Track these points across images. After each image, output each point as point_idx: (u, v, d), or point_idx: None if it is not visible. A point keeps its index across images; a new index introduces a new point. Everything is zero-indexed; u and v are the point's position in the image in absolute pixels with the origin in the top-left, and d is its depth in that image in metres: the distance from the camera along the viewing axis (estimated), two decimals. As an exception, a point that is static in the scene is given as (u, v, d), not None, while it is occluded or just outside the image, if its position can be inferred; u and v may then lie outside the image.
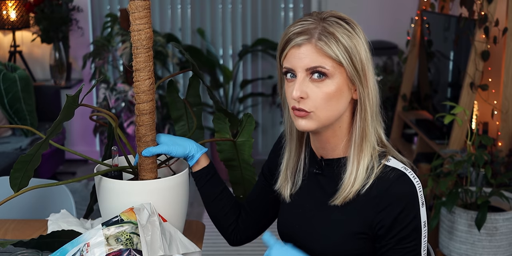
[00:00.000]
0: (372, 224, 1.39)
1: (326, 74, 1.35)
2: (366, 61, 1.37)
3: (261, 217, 1.67)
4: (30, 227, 1.85)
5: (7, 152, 3.88)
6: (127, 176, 1.66)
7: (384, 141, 1.44)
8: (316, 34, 1.35)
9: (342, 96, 1.38)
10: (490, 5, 3.15)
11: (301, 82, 1.36)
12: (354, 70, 1.36)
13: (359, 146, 1.40)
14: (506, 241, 2.87)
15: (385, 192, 1.37)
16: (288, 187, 1.52)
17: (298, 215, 1.51)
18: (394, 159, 1.41)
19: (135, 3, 1.47)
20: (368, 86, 1.38)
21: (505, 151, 3.19)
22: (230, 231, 1.69)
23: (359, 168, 1.39)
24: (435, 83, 4.11)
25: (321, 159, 1.48)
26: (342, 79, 1.37)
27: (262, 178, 1.66)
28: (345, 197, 1.40)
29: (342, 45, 1.34)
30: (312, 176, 1.50)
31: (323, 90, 1.36)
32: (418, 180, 1.39)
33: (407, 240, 1.37)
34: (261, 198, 1.65)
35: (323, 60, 1.35)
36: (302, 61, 1.36)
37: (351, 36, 1.36)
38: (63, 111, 1.40)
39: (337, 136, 1.43)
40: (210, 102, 4.98)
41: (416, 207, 1.38)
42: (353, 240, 1.41)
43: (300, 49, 1.36)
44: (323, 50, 1.34)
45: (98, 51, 4.44)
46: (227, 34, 5.10)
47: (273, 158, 1.61)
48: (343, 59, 1.35)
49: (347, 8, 4.82)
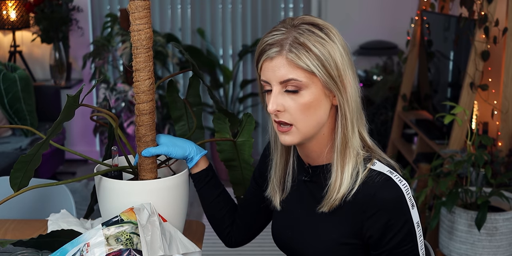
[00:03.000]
0: (362, 231, 1.38)
1: (300, 86, 1.34)
2: (342, 66, 1.35)
3: (252, 221, 1.67)
4: (30, 227, 1.85)
5: (7, 152, 3.88)
6: (127, 176, 1.66)
7: (369, 143, 1.42)
8: (286, 46, 1.33)
9: (320, 105, 1.36)
10: (490, 5, 3.15)
11: (277, 95, 1.36)
12: (329, 77, 1.34)
13: (342, 152, 1.38)
14: (506, 241, 2.87)
15: (371, 198, 1.35)
16: (278, 195, 1.52)
17: (290, 222, 1.51)
18: (379, 163, 1.39)
19: (135, 3, 1.47)
20: (346, 92, 1.36)
21: (505, 151, 3.19)
22: (226, 233, 1.69)
23: (344, 174, 1.38)
24: (435, 83, 4.11)
25: (308, 166, 1.48)
26: (318, 88, 1.35)
27: (253, 183, 1.66)
28: (332, 204, 1.39)
29: (314, 54, 1.32)
30: (301, 183, 1.50)
31: (299, 102, 1.35)
32: (405, 182, 1.37)
33: (403, 244, 1.36)
34: (253, 203, 1.65)
35: (296, 72, 1.33)
36: (275, 74, 1.34)
37: (325, 43, 1.33)
38: (64, 111, 1.40)
39: (321, 144, 1.42)
40: (210, 102, 4.98)
41: (406, 211, 1.35)
42: (343, 248, 1.41)
43: (272, 62, 1.35)
44: (294, 62, 1.33)
45: (98, 51, 4.44)
46: (227, 34, 5.10)
47: (263, 162, 1.61)
48: (316, 69, 1.32)
49: (347, 8, 4.83)
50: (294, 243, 1.50)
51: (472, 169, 2.99)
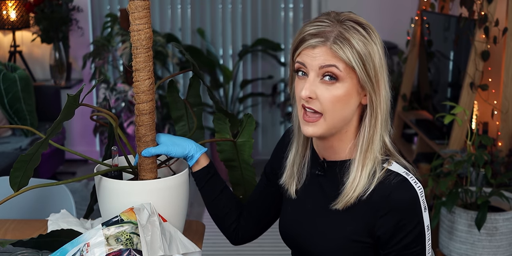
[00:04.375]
0: (373, 230, 1.38)
1: (337, 76, 1.34)
2: (380, 68, 1.36)
3: (262, 216, 1.67)
4: (30, 227, 1.85)
5: (7, 152, 3.88)
6: (127, 176, 1.66)
7: (389, 147, 1.43)
8: (331, 38, 1.34)
9: (350, 100, 1.37)
10: (490, 5, 3.15)
11: (312, 82, 1.36)
12: (367, 76, 1.35)
13: (365, 152, 1.39)
14: (506, 241, 2.86)
15: (386, 198, 1.36)
16: (294, 183, 1.52)
17: (300, 216, 1.51)
18: (396, 164, 1.40)
19: (134, 3, 1.47)
20: (380, 93, 1.38)
21: (505, 151, 3.19)
22: (232, 230, 1.69)
23: (363, 173, 1.38)
24: (435, 83, 4.11)
25: (324, 161, 1.48)
26: (352, 84, 1.36)
27: (264, 178, 1.65)
28: (347, 202, 1.39)
29: (357, 51, 1.33)
30: (313, 177, 1.50)
31: (332, 93, 1.35)
32: (420, 185, 1.38)
33: (412, 245, 1.37)
34: (263, 198, 1.65)
35: (337, 62, 1.34)
36: (315, 59, 1.35)
37: (367, 42, 1.35)
38: (64, 110, 1.40)
39: (342, 141, 1.43)
40: (210, 102, 4.98)
41: (419, 213, 1.36)
42: (353, 245, 1.41)
43: (314, 50, 1.35)
44: (337, 53, 1.34)
45: (98, 51, 4.44)
46: (227, 34, 5.10)
47: (276, 157, 1.61)
48: (356, 65, 1.34)
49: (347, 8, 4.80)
50: (302, 237, 1.49)
51: (472, 169, 2.99)
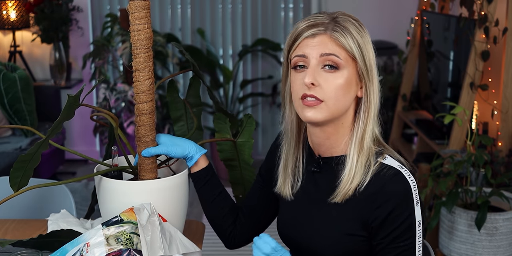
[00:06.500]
0: (368, 222, 1.39)
1: (338, 65, 1.36)
2: (374, 61, 1.40)
3: (259, 219, 1.67)
4: (30, 227, 1.85)
5: (7, 152, 3.88)
6: (127, 176, 1.66)
7: (381, 139, 1.45)
8: (330, 27, 1.36)
9: (350, 90, 1.39)
10: (490, 5, 3.15)
11: (314, 68, 1.37)
12: (364, 66, 1.38)
13: (359, 143, 1.41)
14: (506, 241, 2.86)
15: (380, 189, 1.37)
16: (289, 186, 1.52)
17: (297, 214, 1.51)
18: (390, 158, 1.42)
19: (134, 3, 1.47)
20: (373, 85, 1.40)
21: (505, 151, 3.19)
22: (228, 233, 1.68)
23: (358, 164, 1.40)
24: (435, 83, 4.11)
25: (319, 157, 1.48)
26: (352, 73, 1.38)
27: (259, 179, 1.66)
28: (345, 194, 1.40)
29: (356, 39, 1.36)
30: (309, 175, 1.50)
31: (334, 81, 1.37)
32: (414, 179, 1.39)
33: (402, 238, 1.38)
34: (259, 200, 1.65)
35: (338, 49, 1.36)
36: (316, 48, 1.36)
37: (362, 34, 1.38)
38: (64, 110, 1.40)
39: (339, 133, 1.44)
40: (210, 102, 4.98)
41: (410, 206, 1.37)
42: (350, 239, 1.41)
43: (314, 39, 1.37)
44: (338, 40, 1.36)
45: (98, 51, 4.43)
46: (227, 34, 5.10)
47: (271, 159, 1.61)
48: (357, 53, 1.36)
49: (347, 8, 4.81)
50: (299, 235, 1.50)
51: (472, 169, 2.99)
